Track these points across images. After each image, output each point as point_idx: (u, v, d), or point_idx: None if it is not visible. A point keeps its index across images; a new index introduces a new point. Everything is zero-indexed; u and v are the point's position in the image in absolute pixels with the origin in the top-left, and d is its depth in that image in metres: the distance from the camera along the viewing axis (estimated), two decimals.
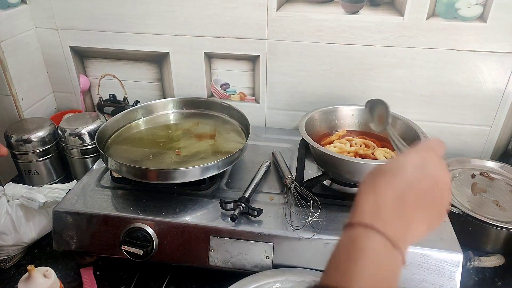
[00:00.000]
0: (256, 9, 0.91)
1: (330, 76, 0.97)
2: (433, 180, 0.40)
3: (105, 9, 0.98)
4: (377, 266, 0.35)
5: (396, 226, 0.37)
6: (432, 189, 0.40)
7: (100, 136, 0.83)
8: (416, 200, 0.38)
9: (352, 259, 0.35)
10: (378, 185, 0.39)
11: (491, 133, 0.96)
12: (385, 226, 0.36)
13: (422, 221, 0.39)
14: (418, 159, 0.41)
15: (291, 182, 0.76)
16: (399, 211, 0.37)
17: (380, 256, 0.36)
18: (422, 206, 0.39)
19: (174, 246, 0.70)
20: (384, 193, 0.38)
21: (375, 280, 0.34)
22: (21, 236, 0.77)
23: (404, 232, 0.37)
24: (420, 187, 0.39)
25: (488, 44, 0.86)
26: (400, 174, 0.40)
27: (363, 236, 0.36)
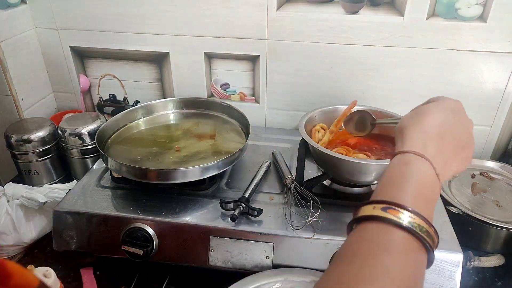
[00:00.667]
0: (256, 9, 0.91)
1: (330, 76, 0.97)
2: (464, 126, 0.48)
3: (105, 9, 0.98)
4: (425, 187, 0.40)
5: (437, 159, 0.42)
6: (463, 133, 0.47)
7: (100, 136, 0.83)
8: (452, 141, 0.45)
9: (403, 178, 0.40)
10: (425, 121, 0.46)
11: (491, 133, 0.96)
12: (431, 157, 0.42)
13: (453, 161, 0.45)
14: (452, 105, 0.49)
15: (291, 182, 0.76)
16: (440, 147, 0.44)
17: (427, 179, 0.41)
18: (456, 147, 0.46)
19: (174, 246, 0.70)
20: (430, 128, 0.45)
21: (422, 199, 0.39)
22: (21, 236, 0.77)
23: (442, 166, 0.43)
24: (456, 130, 0.46)
25: (488, 44, 0.86)
26: (441, 115, 0.47)
27: (413, 161, 0.42)
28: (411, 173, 0.41)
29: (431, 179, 0.41)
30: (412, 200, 0.38)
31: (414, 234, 0.37)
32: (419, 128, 0.45)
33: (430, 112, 0.47)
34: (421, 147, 0.43)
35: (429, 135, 0.44)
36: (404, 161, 0.42)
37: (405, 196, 0.39)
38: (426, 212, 0.38)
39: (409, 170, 0.41)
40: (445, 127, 0.46)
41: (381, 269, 0.34)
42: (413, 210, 0.37)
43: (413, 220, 0.37)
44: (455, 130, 0.46)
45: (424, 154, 0.42)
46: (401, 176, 0.41)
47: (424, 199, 0.39)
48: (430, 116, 0.47)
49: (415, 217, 0.37)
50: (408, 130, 0.46)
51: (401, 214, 0.37)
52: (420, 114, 0.48)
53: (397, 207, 0.37)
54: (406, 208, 0.37)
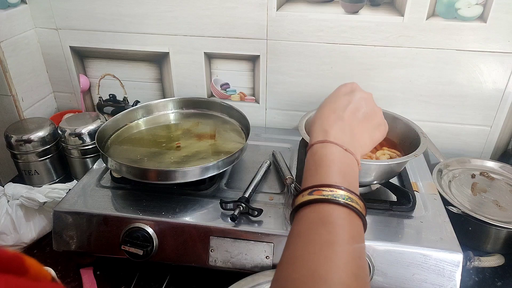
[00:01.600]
0: (256, 9, 0.91)
1: (330, 76, 0.97)
2: (361, 100, 0.52)
3: (105, 9, 0.98)
4: (338, 165, 0.45)
5: (341, 137, 0.47)
6: (362, 107, 0.51)
7: (100, 136, 0.83)
8: (351, 116, 0.50)
9: (318, 164, 0.45)
10: (322, 112, 0.51)
11: (491, 133, 0.96)
12: (333, 138, 0.47)
13: (362, 132, 0.50)
14: (346, 88, 0.54)
15: (291, 182, 0.76)
16: (341, 127, 0.48)
17: (336, 157, 0.46)
18: (358, 120, 0.50)
19: (174, 246, 0.70)
20: (327, 116, 0.50)
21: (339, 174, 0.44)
22: (21, 236, 0.77)
23: (350, 141, 0.47)
24: (353, 107, 0.51)
25: (488, 44, 0.86)
26: (335, 100, 0.52)
27: (321, 148, 0.47)
28: (322, 157, 0.46)
29: (342, 155, 0.46)
30: (330, 177, 0.43)
31: (342, 204, 0.41)
32: (319, 119, 0.51)
33: (325, 102, 0.53)
34: (323, 135, 0.48)
35: (327, 121, 0.49)
36: (313, 152, 0.47)
37: (324, 176, 0.44)
38: (346, 184, 0.43)
39: (319, 156, 0.46)
40: (340, 108, 0.51)
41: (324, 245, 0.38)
42: (333, 184, 0.42)
43: (336, 193, 0.42)
44: (353, 106, 0.51)
45: (327, 139, 0.47)
46: (314, 164, 0.46)
47: (341, 173, 0.44)
48: (327, 105, 0.52)
49: (337, 190, 0.42)
50: (311, 125, 0.51)
51: (324, 191, 0.42)
52: (319, 108, 0.53)
53: (320, 187, 0.42)
54: (327, 185, 0.42)
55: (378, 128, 0.53)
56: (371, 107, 0.53)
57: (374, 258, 0.65)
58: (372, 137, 0.52)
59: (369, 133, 0.51)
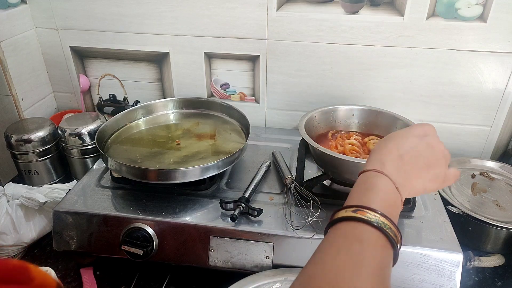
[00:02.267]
0: (256, 9, 0.91)
1: (330, 76, 0.97)
2: (429, 147, 0.51)
3: (105, 9, 0.98)
4: (385, 195, 0.46)
5: (396, 174, 0.48)
6: (427, 154, 0.51)
7: (100, 136, 0.83)
8: (413, 160, 0.49)
9: (367, 189, 0.47)
10: (386, 145, 0.51)
11: (491, 133, 0.96)
12: (389, 173, 0.47)
13: (417, 178, 0.49)
14: (420, 130, 0.53)
15: (291, 182, 0.76)
16: (399, 166, 0.49)
17: (386, 189, 0.47)
18: (418, 165, 0.50)
19: (174, 246, 0.70)
20: (389, 152, 0.50)
21: (384, 204, 0.45)
22: (21, 236, 0.77)
23: (402, 182, 0.48)
24: (417, 151, 0.50)
25: (488, 44, 0.86)
26: (404, 139, 0.51)
27: (374, 176, 0.48)
28: (373, 185, 0.47)
29: (391, 190, 0.47)
30: (375, 203, 0.44)
31: (380, 229, 0.42)
32: (381, 150, 0.51)
33: (394, 136, 0.53)
34: (380, 165, 0.48)
35: (389, 156, 0.50)
36: (365, 178, 0.48)
37: (370, 200, 0.45)
38: (388, 214, 0.44)
39: (370, 182, 0.47)
40: (405, 148, 0.50)
41: (355, 256, 0.40)
42: (377, 210, 0.43)
43: (379, 218, 0.43)
44: (418, 151, 0.50)
45: (382, 171, 0.48)
46: (365, 188, 0.47)
47: (386, 204, 0.45)
48: (393, 139, 0.52)
49: (380, 216, 0.43)
50: (373, 153, 0.52)
51: (368, 214, 0.43)
52: (386, 139, 0.53)
53: (365, 209, 0.43)
54: (372, 209, 0.43)
55: (436, 180, 0.51)
56: (436, 156, 0.51)
57: None
58: (425, 186, 0.51)
59: (424, 181, 0.50)
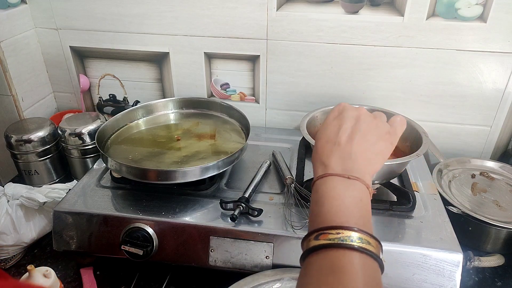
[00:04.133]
0: (256, 9, 0.91)
1: (330, 76, 0.97)
2: (353, 119, 0.48)
3: (105, 9, 0.98)
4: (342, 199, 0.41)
5: (340, 163, 0.44)
6: (356, 125, 0.47)
7: (100, 136, 0.83)
8: (346, 139, 0.46)
9: (321, 202, 0.42)
10: (317, 146, 0.48)
11: (491, 133, 0.96)
12: (332, 169, 0.44)
13: (364, 151, 0.45)
14: (334, 113, 0.51)
15: (291, 182, 0.76)
16: (339, 154, 0.45)
17: (340, 190, 0.42)
18: (355, 140, 0.46)
19: (174, 246, 0.70)
20: (322, 148, 0.47)
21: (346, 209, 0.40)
22: (21, 236, 0.77)
23: (352, 166, 0.44)
24: (345, 129, 0.47)
25: (488, 44, 0.86)
26: (326, 128, 0.49)
27: (321, 184, 0.43)
28: (322, 196, 0.42)
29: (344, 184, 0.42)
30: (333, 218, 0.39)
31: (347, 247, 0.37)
32: (314, 154, 0.48)
33: (319, 134, 0.49)
34: (322, 168, 0.45)
35: (323, 153, 0.46)
36: (314, 190, 0.44)
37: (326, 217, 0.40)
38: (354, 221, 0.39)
39: (319, 195, 0.43)
40: (332, 135, 0.47)
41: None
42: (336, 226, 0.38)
43: (342, 235, 0.37)
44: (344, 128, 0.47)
45: (326, 172, 0.44)
46: (316, 203, 0.42)
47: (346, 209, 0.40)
48: (321, 137, 0.49)
49: (342, 231, 0.38)
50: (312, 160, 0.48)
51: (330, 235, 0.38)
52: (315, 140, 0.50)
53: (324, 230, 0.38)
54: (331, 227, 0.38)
55: (382, 138, 0.48)
56: (365, 122, 0.48)
57: None
58: (378, 152, 0.47)
59: (373, 148, 0.46)
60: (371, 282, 0.36)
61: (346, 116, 0.48)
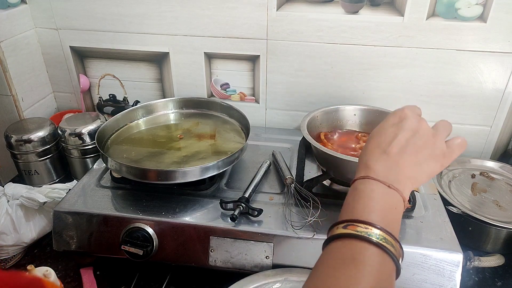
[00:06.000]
0: (256, 9, 0.91)
1: (330, 76, 0.97)
2: (411, 131, 0.47)
3: (105, 9, 0.98)
4: (378, 202, 0.43)
5: (385, 172, 0.45)
6: (411, 137, 0.47)
7: (100, 136, 0.83)
8: (398, 151, 0.46)
9: (357, 199, 0.44)
10: (367, 147, 0.49)
11: (491, 133, 0.96)
12: (375, 174, 0.45)
13: (412, 166, 0.46)
14: (394, 118, 0.50)
15: (291, 182, 0.76)
16: (385, 162, 0.46)
17: (378, 194, 0.44)
18: (406, 154, 0.46)
19: (174, 246, 0.70)
20: (371, 152, 0.48)
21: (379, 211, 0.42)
22: (21, 236, 0.77)
23: (395, 177, 0.45)
24: (400, 140, 0.47)
25: (488, 44, 0.86)
26: (381, 133, 0.49)
27: (361, 184, 0.45)
28: (362, 193, 0.44)
29: (384, 192, 0.44)
30: (367, 214, 0.42)
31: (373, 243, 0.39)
32: (365, 154, 0.48)
33: (372, 135, 0.50)
34: (365, 170, 0.46)
35: (373, 157, 0.47)
36: (353, 188, 0.46)
37: (361, 211, 0.42)
38: (384, 223, 0.41)
39: (360, 191, 0.45)
40: (385, 142, 0.47)
41: (351, 279, 0.38)
42: (367, 221, 0.41)
43: (371, 231, 0.40)
44: (401, 140, 0.47)
45: (369, 175, 0.45)
46: (355, 198, 0.44)
47: (380, 210, 0.42)
48: (372, 138, 0.49)
49: (370, 227, 0.40)
50: (359, 159, 0.49)
51: (359, 228, 0.41)
52: (367, 140, 0.50)
53: (356, 223, 0.41)
54: (363, 222, 0.41)
55: (434, 158, 0.47)
56: (422, 136, 0.47)
57: None
58: (425, 170, 0.47)
59: (421, 165, 0.46)
60: (385, 280, 0.39)
61: (405, 126, 0.48)
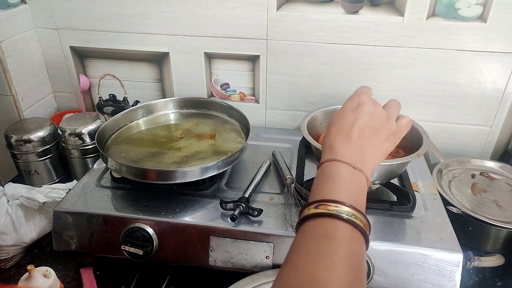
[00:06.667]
0: (256, 9, 0.91)
1: (330, 76, 0.97)
2: (367, 115, 0.52)
3: (105, 9, 0.98)
4: (345, 182, 0.46)
5: (349, 154, 0.48)
6: (369, 122, 0.51)
7: (100, 136, 0.83)
8: (358, 134, 0.50)
9: (325, 180, 0.47)
10: (330, 131, 0.52)
11: (491, 133, 0.96)
12: (341, 156, 0.48)
13: (371, 147, 0.50)
14: (352, 103, 0.53)
15: (291, 182, 0.76)
16: (349, 146, 0.49)
17: (344, 174, 0.47)
18: (366, 137, 0.50)
19: (174, 246, 0.70)
20: (334, 136, 0.51)
21: (346, 191, 0.45)
22: (21, 236, 0.77)
23: (359, 159, 0.48)
24: (359, 124, 0.51)
25: (488, 44, 0.86)
26: (343, 118, 0.52)
27: (328, 166, 0.48)
28: (330, 174, 0.47)
29: (350, 172, 0.47)
30: (336, 193, 0.45)
31: (344, 220, 0.43)
32: (329, 138, 0.52)
33: (334, 120, 0.53)
34: (331, 153, 0.49)
35: (335, 140, 0.50)
36: (321, 170, 0.49)
37: (330, 192, 0.45)
38: (352, 201, 0.44)
39: (327, 173, 0.48)
40: (347, 126, 0.51)
41: (325, 254, 0.40)
42: (336, 200, 0.44)
43: (341, 208, 0.43)
44: (360, 124, 0.51)
45: (335, 157, 0.48)
46: (323, 179, 0.48)
47: (347, 189, 0.46)
48: (334, 124, 0.53)
49: (340, 205, 0.43)
50: (322, 143, 0.53)
51: (330, 206, 0.43)
52: (329, 125, 0.54)
53: (326, 202, 0.44)
54: (332, 200, 0.44)
55: (388, 138, 0.52)
56: (378, 120, 0.52)
57: (374, 258, 0.65)
58: (382, 150, 0.52)
59: (379, 146, 0.51)
60: (357, 251, 0.42)
61: (363, 111, 0.52)
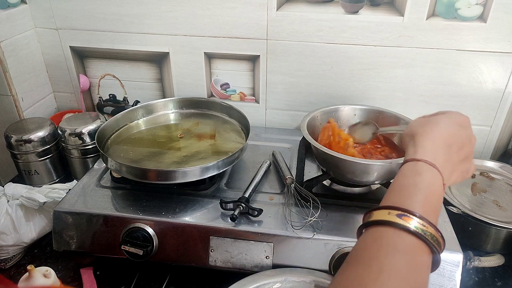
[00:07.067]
0: (256, 9, 0.91)
1: (330, 76, 0.97)
2: (468, 139, 0.50)
3: (105, 9, 0.98)
4: (433, 196, 0.44)
5: (444, 169, 0.46)
6: (467, 146, 0.50)
7: (100, 136, 0.83)
8: (457, 152, 0.48)
9: (418, 187, 0.44)
10: (433, 130, 0.48)
11: (491, 133, 0.96)
12: (440, 167, 0.45)
13: (456, 170, 0.49)
14: (461, 119, 0.51)
15: (291, 182, 0.76)
16: (448, 157, 0.47)
17: (436, 188, 0.44)
18: (459, 157, 0.49)
19: (174, 246, 0.70)
20: (439, 141, 0.47)
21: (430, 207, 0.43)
22: (21, 236, 0.77)
23: (448, 175, 0.47)
24: (461, 142, 0.49)
25: (488, 44, 0.86)
26: (451, 127, 0.49)
27: (426, 170, 0.45)
28: (423, 183, 0.44)
29: (439, 188, 0.45)
30: (421, 208, 0.42)
31: (421, 239, 0.40)
32: (430, 136, 0.48)
33: (440, 122, 0.50)
34: (432, 156, 0.46)
35: (439, 145, 0.47)
36: (416, 170, 0.45)
37: (416, 204, 0.42)
38: (433, 219, 0.42)
39: (421, 180, 0.44)
40: (453, 138, 0.48)
41: (390, 269, 0.38)
42: (422, 216, 0.41)
43: (422, 226, 0.40)
44: (461, 142, 0.49)
45: (435, 163, 0.45)
46: (414, 185, 0.44)
47: (431, 206, 0.43)
48: (441, 126, 0.49)
49: (424, 223, 0.41)
50: (419, 137, 0.48)
51: (411, 221, 0.40)
52: (431, 123, 0.50)
53: (410, 214, 0.41)
54: (416, 215, 0.41)
55: (464, 172, 0.52)
56: (471, 150, 0.52)
57: None
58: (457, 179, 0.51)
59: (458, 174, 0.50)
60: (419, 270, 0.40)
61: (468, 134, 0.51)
